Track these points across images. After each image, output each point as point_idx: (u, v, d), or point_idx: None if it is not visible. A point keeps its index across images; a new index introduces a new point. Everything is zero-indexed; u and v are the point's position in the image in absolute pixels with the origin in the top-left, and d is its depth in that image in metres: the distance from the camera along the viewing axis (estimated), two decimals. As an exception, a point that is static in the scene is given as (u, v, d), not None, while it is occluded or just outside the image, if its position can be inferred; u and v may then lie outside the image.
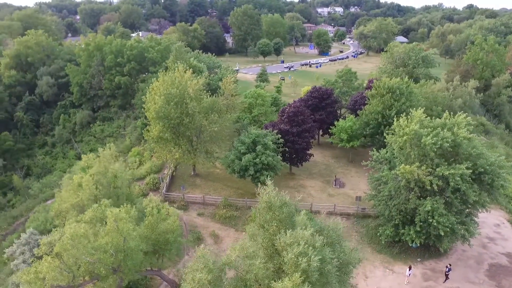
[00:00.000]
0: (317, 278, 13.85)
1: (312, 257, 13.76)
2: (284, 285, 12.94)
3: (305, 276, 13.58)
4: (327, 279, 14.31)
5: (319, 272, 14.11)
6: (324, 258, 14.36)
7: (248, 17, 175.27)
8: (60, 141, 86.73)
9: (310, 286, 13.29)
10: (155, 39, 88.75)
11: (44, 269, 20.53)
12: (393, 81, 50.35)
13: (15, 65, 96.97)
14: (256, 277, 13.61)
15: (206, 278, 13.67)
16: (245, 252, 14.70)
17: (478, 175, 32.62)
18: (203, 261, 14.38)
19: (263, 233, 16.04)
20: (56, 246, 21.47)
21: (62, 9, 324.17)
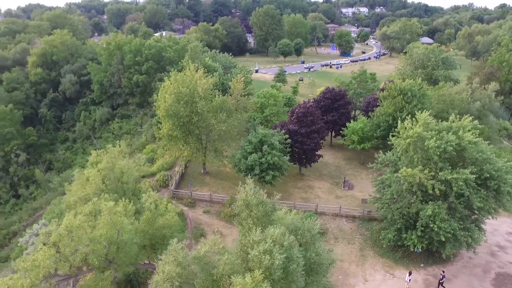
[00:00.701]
0: (280, 276, 13.95)
1: (276, 255, 13.88)
2: (245, 281, 13.13)
3: (268, 273, 13.71)
4: (292, 278, 14.37)
5: (284, 270, 14.20)
6: (290, 257, 14.43)
7: (269, 17, 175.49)
8: (81, 137, 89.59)
9: (272, 284, 13.42)
10: (173, 39, 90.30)
11: (40, 258, 21.46)
12: (405, 83, 49.41)
13: (41, 63, 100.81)
14: (222, 272, 13.85)
15: (174, 270, 14.06)
16: (215, 248, 15.00)
17: (484, 181, 31.69)
18: (174, 255, 14.77)
19: (241, 230, 16.27)
20: (52, 236, 22.40)
21: (90, 9, 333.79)
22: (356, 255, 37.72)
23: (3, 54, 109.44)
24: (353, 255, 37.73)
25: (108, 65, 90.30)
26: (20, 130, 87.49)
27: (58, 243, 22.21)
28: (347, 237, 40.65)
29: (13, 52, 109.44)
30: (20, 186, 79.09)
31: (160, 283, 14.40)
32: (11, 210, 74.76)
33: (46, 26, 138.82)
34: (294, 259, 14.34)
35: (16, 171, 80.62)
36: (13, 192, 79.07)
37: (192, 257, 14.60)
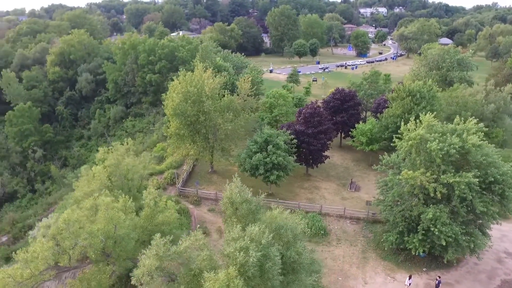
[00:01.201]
0: (255, 273, 14.07)
1: (251, 252, 14.01)
2: (217, 277, 13.34)
3: (243, 270, 13.86)
4: (268, 276, 14.47)
5: (260, 268, 14.32)
6: (267, 255, 14.54)
7: (285, 17, 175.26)
8: (95, 135, 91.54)
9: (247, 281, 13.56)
10: (186, 39, 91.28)
11: (38, 250, 22.19)
12: (414, 84, 48.70)
13: (59, 62, 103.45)
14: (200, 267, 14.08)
15: (154, 264, 14.40)
16: (196, 244, 15.24)
17: (488, 185, 31.03)
18: (156, 249, 15.10)
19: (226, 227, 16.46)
20: (51, 229, 23.13)
21: (110, 9, 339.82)
22: (357, 257, 37.44)
23: (24, 53, 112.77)
24: (354, 257, 37.46)
25: (122, 64, 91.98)
26: (38, 127, 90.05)
27: (57, 236, 22.91)
28: (350, 239, 40.36)
29: (33, 51, 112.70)
30: (37, 181, 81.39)
31: (140, 276, 14.79)
32: (27, 204, 77.01)
33: (66, 26, 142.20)
34: (271, 257, 14.46)
35: (33, 167, 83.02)
36: (29, 187, 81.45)
37: (173, 252, 14.90)
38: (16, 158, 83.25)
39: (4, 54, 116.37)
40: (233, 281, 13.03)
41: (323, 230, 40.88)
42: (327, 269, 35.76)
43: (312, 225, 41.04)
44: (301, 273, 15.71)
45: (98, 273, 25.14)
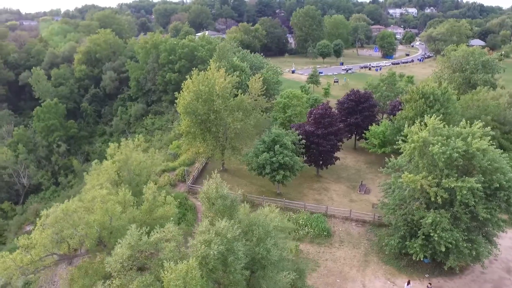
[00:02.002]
0: (216, 266, 14.37)
1: (213, 245, 14.33)
2: (177, 267, 13.74)
3: (204, 262, 14.21)
4: (230, 270, 14.72)
5: (222, 261, 14.62)
6: (231, 249, 14.79)
7: (309, 18, 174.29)
8: (117, 131, 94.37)
9: (208, 273, 13.89)
10: (206, 38, 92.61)
11: (37, 237, 23.40)
12: (428, 86, 47.51)
13: (85, 61, 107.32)
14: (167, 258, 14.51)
15: (125, 253, 15.00)
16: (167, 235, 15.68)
17: (494, 191, 30.01)
18: (129, 240, 15.69)
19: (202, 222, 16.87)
20: (50, 218, 24.30)
21: (140, 9, 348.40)
22: (359, 260, 36.99)
23: (54, 52, 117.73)
24: (355, 259, 37.03)
25: (144, 63, 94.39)
26: (63, 122, 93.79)
27: (55, 224, 24.04)
28: (353, 241, 39.91)
29: (62, 50, 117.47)
30: (60, 175, 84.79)
31: (111, 263, 15.46)
32: (51, 196, 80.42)
33: (95, 26, 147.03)
34: (234, 252, 14.72)
35: (57, 161, 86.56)
36: (53, 180, 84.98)
37: (144, 242, 15.46)
38: (42, 151, 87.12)
39: (36, 52, 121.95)
40: (191, 272, 13.42)
41: (327, 231, 40.60)
42: (326, 271, 35.64)
43: (315, 226, 40.90)
44: (269, 270, 15.85)
45: (95, 262, 26.16)
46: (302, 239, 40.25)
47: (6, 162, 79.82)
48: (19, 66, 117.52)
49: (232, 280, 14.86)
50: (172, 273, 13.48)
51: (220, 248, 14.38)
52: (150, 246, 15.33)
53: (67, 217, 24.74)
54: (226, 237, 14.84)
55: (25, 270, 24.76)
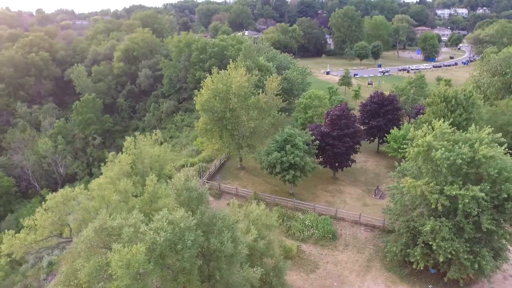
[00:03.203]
0: (164, 252, 14.96)
1: (161, 232, 14.93)
2: (123, 250, 14.49)
3: (153, 248, 14.84)
4: (178, 257, 15.19)
5: (171, 248, 15.15)
6: (182, 238, 15.25)
7: (348, 19, 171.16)
8: (149, 127, 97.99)
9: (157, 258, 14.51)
10: (237, 38, 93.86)
11: (38, 219, 25.26)
12: (451, 90, 45.43)
13: (124, 58, 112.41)
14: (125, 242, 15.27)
15: (90, 235, 16.02)
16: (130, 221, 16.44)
17: (502, 202, 28.34)
18: (95, 223, 16.67)
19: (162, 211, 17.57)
20: (50, 202, 26.12)
21: (184, 9, 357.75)
22: (361, 264, 36.24)
23: (97, 49, 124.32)
24: (357, 264, 36.31)
25: (177, 61, 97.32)
26: (100, 116, 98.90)
27: (54, 208, 25.84)
28: (358, 246, 39.12)
29: (104, 48, 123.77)
30: (94, 166, 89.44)
31: (78, 243, 16.56)
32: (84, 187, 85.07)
33: (137, 25, 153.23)
34: (184, 241, 15.21)
35: (92, 152, 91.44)
36: (87, 171, 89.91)
37: (109, 227, 16.40)
38: (79, 143, 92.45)
39: (81, 50, 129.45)
40: (136, 256, 14.17)
41: (332, 233, 40.11)
42: (325, 273, 35.28)
43: (321, 228, 40.51)
44: (222, 262, 16.19)
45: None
46: (306, 240, 40.07)
47: (46, 152, 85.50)
48: (65, 63, 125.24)
49: (181, 267, 15.44)
50: (117, 254, 14.31)
51: (168, 236, 15.00)
52: (114, 230, 16.25)
53: (66, 202, 26.50)
54: (179, 226, 15.41)
55: (28, 248, 26.79)
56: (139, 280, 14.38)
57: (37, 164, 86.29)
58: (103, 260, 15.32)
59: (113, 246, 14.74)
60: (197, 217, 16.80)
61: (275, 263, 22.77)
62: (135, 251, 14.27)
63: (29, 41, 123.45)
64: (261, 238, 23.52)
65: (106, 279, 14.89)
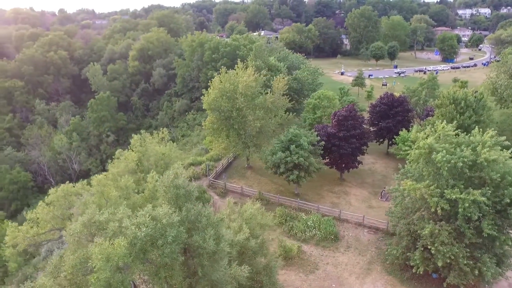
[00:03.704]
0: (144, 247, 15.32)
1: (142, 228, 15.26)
2: (103, 243, 14.87)
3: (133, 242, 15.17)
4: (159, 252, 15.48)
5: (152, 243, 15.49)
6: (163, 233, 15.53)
7: (365, 19, 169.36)
8: (161, 125, 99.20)
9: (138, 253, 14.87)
10: (249, 38, 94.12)
11: (39, 212, 26.04)
12: (460, 91, 44.51)
13: (139, 57, 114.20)
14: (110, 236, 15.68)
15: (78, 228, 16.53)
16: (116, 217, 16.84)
17: (504, 207, 27.66)
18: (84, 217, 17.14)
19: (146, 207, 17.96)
20: (50, 197, 26.88)
21: (202, 8, 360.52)
22: (361, 267, 35.91)
23: (113, 48, 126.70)
24: (358, 266, 35.99)
25: (190, 60, 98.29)
26: (114, 114, 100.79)
27: (55, 202, 26.60)
28: (360, 248, 38.76)
29: (120, 47, 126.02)
30: (107, 163, 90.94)
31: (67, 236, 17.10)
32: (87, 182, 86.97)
33: (153, 24, 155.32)
34: (165, 236, 15.49)
35: (106, 150, 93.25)
36: (101, 167, 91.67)
37: (97, 221, 16.85)
38: (93, 140, 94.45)
39: (98, 49, 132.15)
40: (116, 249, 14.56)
41: (334, 235, 39.84)
42: (324, 274, 35.11)
43: (323, 229, 40.31)
44: (204, 258, 16.37)
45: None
46: (308, 240, 39.93)
47: (61, 148, 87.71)
48: (83, 61, 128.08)
49: (162, 262, 15.75)
50: (97, 247, 14.74)
51: (149, 231, 15.33)
52: (101, 224, 16.69)
53: (67, 196, 27.23)
54: (161, 222, 15.71)
55: (31, 241, 27.65)
56: (119, 273, 14.76)
57: (53, 160, 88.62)
58: (86, 253, 15.79)
59: (95, 239, 15.19)
60: (182, 214, 17.09)
61: (267, 262, 22.84)
62: (116, 245, 14.67)
63: (48, 40, 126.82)
64: (254, 237, 23.65)
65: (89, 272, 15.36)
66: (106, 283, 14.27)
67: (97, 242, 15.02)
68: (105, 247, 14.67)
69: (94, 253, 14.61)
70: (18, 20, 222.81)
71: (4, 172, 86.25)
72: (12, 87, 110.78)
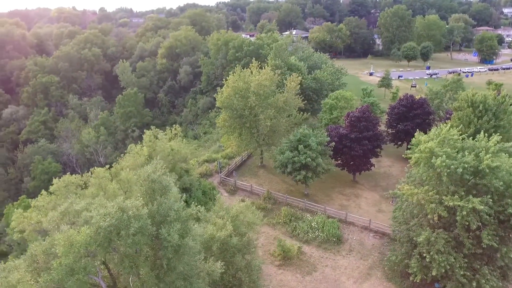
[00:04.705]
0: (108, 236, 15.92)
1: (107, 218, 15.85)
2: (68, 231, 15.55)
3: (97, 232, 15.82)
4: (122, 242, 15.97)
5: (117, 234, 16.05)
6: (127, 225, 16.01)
7: (398, 18, 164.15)
8: (185, 122, 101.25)
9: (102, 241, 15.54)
10: (273, 37, 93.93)
11: (41, 200, 27.48)
12: (479, 94, 42.42)
13: (167, 55, 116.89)
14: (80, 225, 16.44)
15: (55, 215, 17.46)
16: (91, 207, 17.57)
17: (508, 217, 26.24)
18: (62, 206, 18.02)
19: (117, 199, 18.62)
20: (53, 186, 28.28)
21: (236, 7, 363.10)
22: (361, 271, 35.20)
23: (144, 46, 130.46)
24: (357, 271, 35.30)
25: (215, 59, 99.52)
26: (140, 110, 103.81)
27: (56, 192, 27.96)
28: (363, 252, 37.98)
29: (150, 45, 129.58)
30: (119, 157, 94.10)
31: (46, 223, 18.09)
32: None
33: (185, 23, 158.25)
34: (128, 227, 15.99)
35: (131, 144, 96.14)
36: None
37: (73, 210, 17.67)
38: (119, 135, 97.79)
39: (129, 46, 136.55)
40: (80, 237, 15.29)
41: (337, 237, 39.29)
42: (322, 277, 34.72)
43: (326, 231, 39.82)
44: (169, 252, 16.73)
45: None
46: (310, 241, 39.60)
47: (89, 142, 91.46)
48: (115, 58, 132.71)
49: (125, 252, 16.32)
50: (62, 234, 15.48)
51: (113, 221, 15.93)
52: (77, 213, 17.49)
53: (68, 186, 28.56)
54: (127, 214, 16.24)
55: (36, 227, 29.20)
56: (83, 260, 15.49)
57: (81, 153, 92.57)
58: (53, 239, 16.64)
59: (61, 227, 16.01)
60: (153, 207, 17.59)
61: (248, 260, 22.91)
62: (82, 232, 15.42)
63: (84, 38, 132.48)
64: (238, 235, 23.80)
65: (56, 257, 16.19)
66: (69, 268, 15.02)
67: (65, 230, 15.83)
68: (70, 234, 15.43)
69: (58, 240, 15.40)
70: (61, 19, 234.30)
71: (37, 162, 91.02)
72: (49, 82, 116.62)
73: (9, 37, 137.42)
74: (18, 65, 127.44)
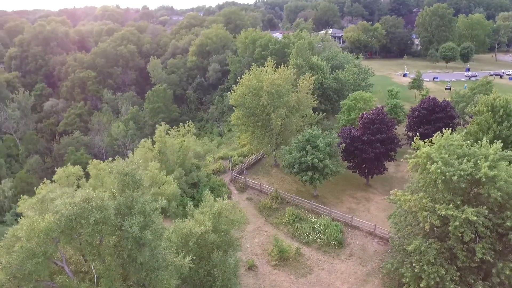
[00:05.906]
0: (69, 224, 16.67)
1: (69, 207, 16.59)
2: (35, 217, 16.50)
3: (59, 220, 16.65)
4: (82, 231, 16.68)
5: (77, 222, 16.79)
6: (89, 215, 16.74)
7: (438, 17, 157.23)
8: (211, 119, 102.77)
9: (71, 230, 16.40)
10: (299, 36, 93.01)
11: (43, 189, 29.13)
12: (501, 98, 39.94)
13: (197, 52, 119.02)
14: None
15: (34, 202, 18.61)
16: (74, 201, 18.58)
17: (507, 230, 24.69)
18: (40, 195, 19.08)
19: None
20: (55, 175, 29.89)
21: (274, 6, 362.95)
22: (357, 277, 34.35)
23: (177, 43, 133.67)
24: (354, 276, 34.48)
25: (242, 57, 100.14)
26: (168, 106, 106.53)
27: (59, 181, 29.54)
28: (363, 257, 37.04)
29: (183, 42, 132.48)
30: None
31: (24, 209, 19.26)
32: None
33: (219, 21, 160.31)
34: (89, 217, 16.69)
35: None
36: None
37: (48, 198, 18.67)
38: (147, 129, 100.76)
39: (163, 44, 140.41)
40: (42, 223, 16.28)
41: (338, 241, 38.53)
42: (316, 280, 34.25)
43: (328, 234, 39.19)
44: (129, 242, 17.24)
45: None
46: (311, 243, 39.14)
47: (118, 135, 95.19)
48: (149, 55, 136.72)
49: (85, 241, 17.12)
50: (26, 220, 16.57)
51: (75, 210, 16.72)
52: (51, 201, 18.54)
53: (69, 177, 30.08)
54: (90, 205, 16.97)
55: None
56: (45, 245, 16.45)
57: (110, 145, 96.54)
58: (21, 224, 17.79)
59: (27, 213, 17.06)
60: (120, 199, 18.26)
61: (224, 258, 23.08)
62: (46, 219, 16.45)
63: (121, 35, 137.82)
64: (218, 232, 24.04)
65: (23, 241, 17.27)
66: (30, 251, 16.02)
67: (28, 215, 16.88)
68: (34, 220, 16.46)
69: (21, 225, 16.43)
70: (104, 17, 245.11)
71: (70, 153, 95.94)
72: (86, 77, 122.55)
73: (53, 34, 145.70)
74: (60, 60, 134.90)
